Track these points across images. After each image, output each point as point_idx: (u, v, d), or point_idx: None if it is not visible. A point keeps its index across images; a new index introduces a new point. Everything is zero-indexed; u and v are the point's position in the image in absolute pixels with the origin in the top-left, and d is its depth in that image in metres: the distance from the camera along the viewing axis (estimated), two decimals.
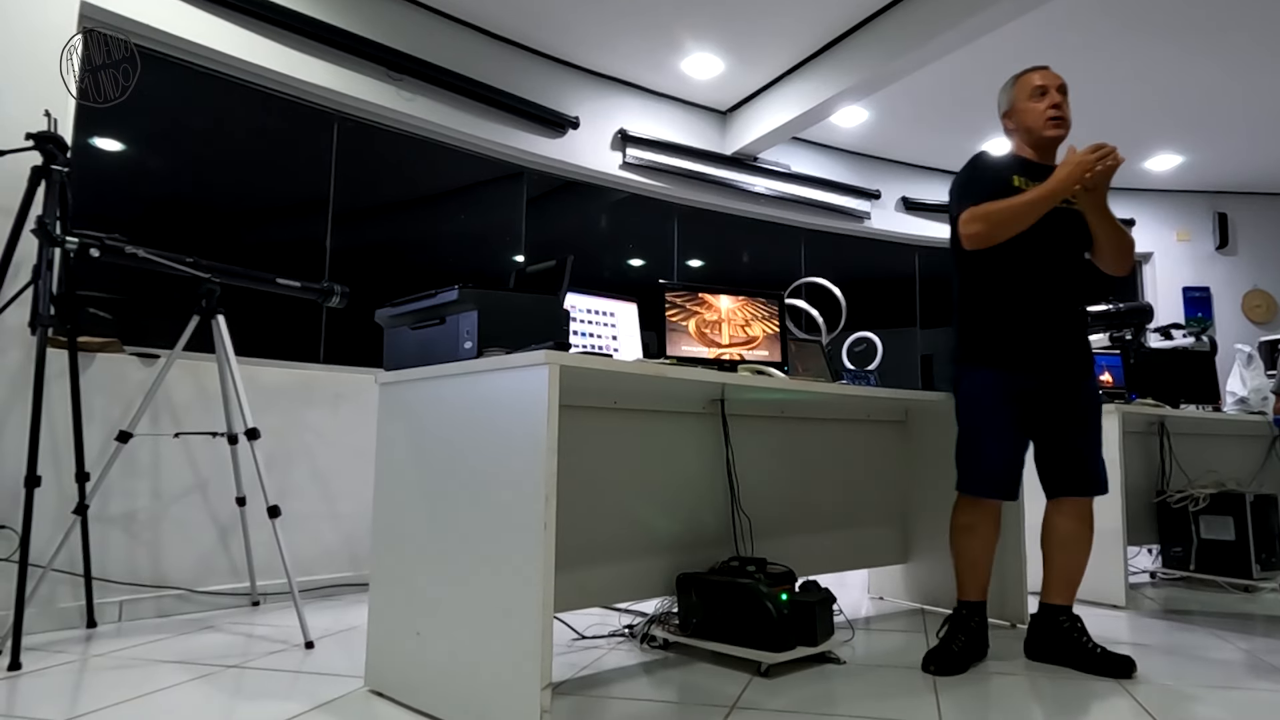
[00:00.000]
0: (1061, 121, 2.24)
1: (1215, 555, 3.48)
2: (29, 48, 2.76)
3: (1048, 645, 2.27)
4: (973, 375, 2.30)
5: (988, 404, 2.25)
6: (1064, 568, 2.29)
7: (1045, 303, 2.26)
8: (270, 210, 3.81)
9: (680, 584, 2.37)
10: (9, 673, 2.12)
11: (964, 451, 2.31)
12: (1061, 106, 2.24)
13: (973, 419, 2.29)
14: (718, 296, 2.43)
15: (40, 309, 2.38)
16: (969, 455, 2.29)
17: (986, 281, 2.29)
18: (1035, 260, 2.24)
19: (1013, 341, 2.25)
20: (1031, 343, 2.24)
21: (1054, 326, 2.26)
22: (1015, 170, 2.25)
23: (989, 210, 2.13)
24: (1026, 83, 2.28)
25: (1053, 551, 2.30)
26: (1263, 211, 6.72)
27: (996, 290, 2.27)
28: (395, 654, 1.93)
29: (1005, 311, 2.26)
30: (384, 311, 2.08)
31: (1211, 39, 4.38)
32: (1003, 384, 2.24)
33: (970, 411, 2.30)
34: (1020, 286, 2.25)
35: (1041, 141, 2.27)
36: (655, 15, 4.21)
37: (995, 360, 2.26)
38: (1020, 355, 2.24)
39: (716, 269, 5.59)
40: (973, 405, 2.29)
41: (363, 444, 3.48)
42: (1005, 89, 2.35)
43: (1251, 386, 3.98)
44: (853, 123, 5.49)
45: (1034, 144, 2.29)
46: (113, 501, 2.80)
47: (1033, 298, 2.25)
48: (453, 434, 1.82)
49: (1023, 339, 2.24)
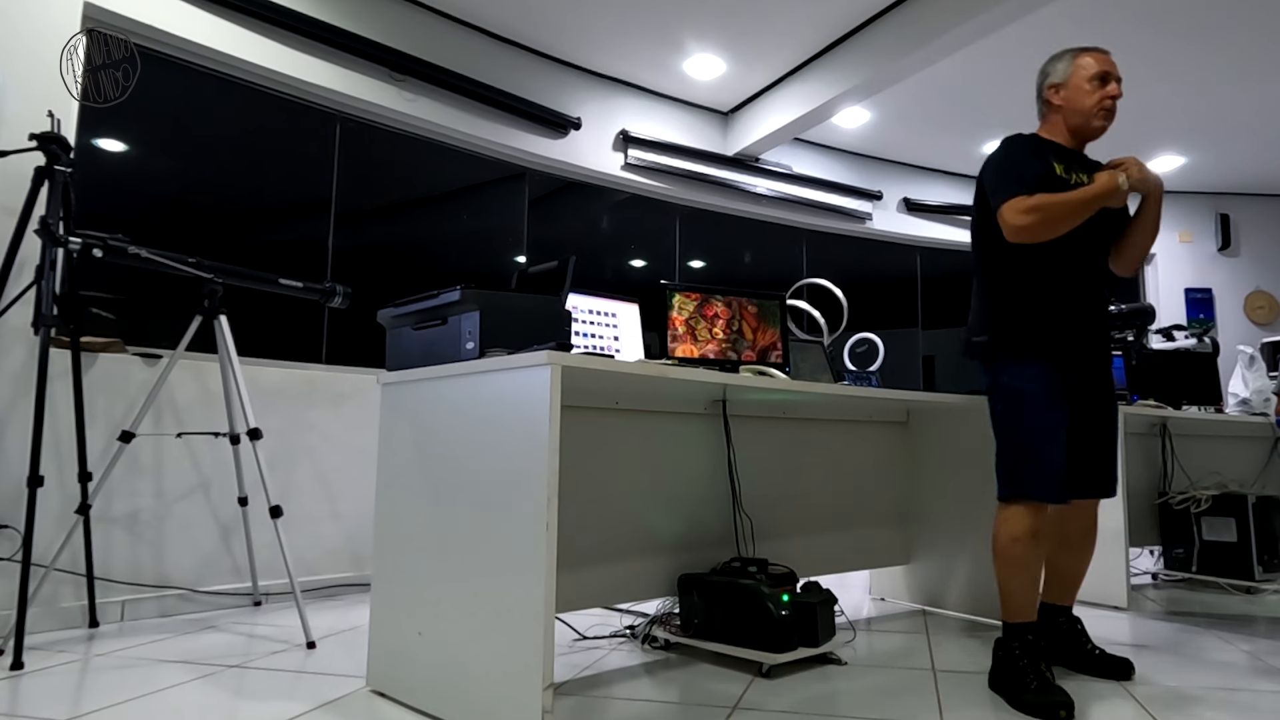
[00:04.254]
0: (1113, 115, 2.12)
1: (1217, 557, 3.48)
2: (33, 48, 2.77)
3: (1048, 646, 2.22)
4: (1018, 369, 2.08)
5: (1038, 398, 2.03)
6: (1068, 569, 2.24)
7: (1084, 294, 2.13)
8: (273, 211, 3.82)
9: (682, 584, 2.37)
10: (12, 672, 2.12)
11: (1016, 453, 2.05)
12: (1117, 99, 2.11)
13: (1024, 416, 2.05)
14: (719, 297, 2.43)
15: (43, 309, 2.39)
16: (1023, 457, 2.04)
17: (1029, 269, 2.10)
18: (1076, 251, 2.10)
19: (1059, 334, 2.08)
20: (1075, 335, 2.10)
21: (1091, 319, 2.14)
22: (1056, 156, 2.11)
23: (1046, 203, 1.97)
24: (1089, 63, 2.11)
25: (1057, 552, 2.21)
26: (1265, 212, 6.71)
27: (1041, 279, 2.09)
28: (397, 654, 1.93)
29: (1051, 302, 2.09)
30: (386, 312, 2.08)
31: (1214, 40, 4.38)
32: (1052, 377, 2.05)
33: (1020, 408, 2.06)
34: (1063, 277, 2.10)
35: (1087, 128, 2.13)
36: (657, 16, 4.22)
37: (1042, 352, 2.06)
38: (1066, 347, 2.08)
39: (718, 270, 5.59)
40: (1022, 399, 2.05)
41: (365, 444, 3.48)
42: (1061, 60, 2.16)
43: (1254, 388, 3.97)
44: (854, 124, 5.49)
45: (1076, 128, 2.14)
46: (115, 501, 2.81)
47: (1073, 289, 2.11)
48: (455, 434, 1.82)
49: (1067, 332, 2.09)
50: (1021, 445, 2.04)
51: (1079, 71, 2.12)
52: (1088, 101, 2.10)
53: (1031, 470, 2.02)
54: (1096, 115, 2.10)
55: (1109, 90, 2.10)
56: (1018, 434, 2.05)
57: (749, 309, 2.47)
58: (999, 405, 2.12)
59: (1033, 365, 2.06)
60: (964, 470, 2.93)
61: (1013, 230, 2.00)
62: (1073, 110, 2.12)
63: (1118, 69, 2.13)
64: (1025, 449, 2.03)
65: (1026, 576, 2.03)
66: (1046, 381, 2.04)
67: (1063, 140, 2.16)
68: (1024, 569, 2.03)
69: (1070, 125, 2.14)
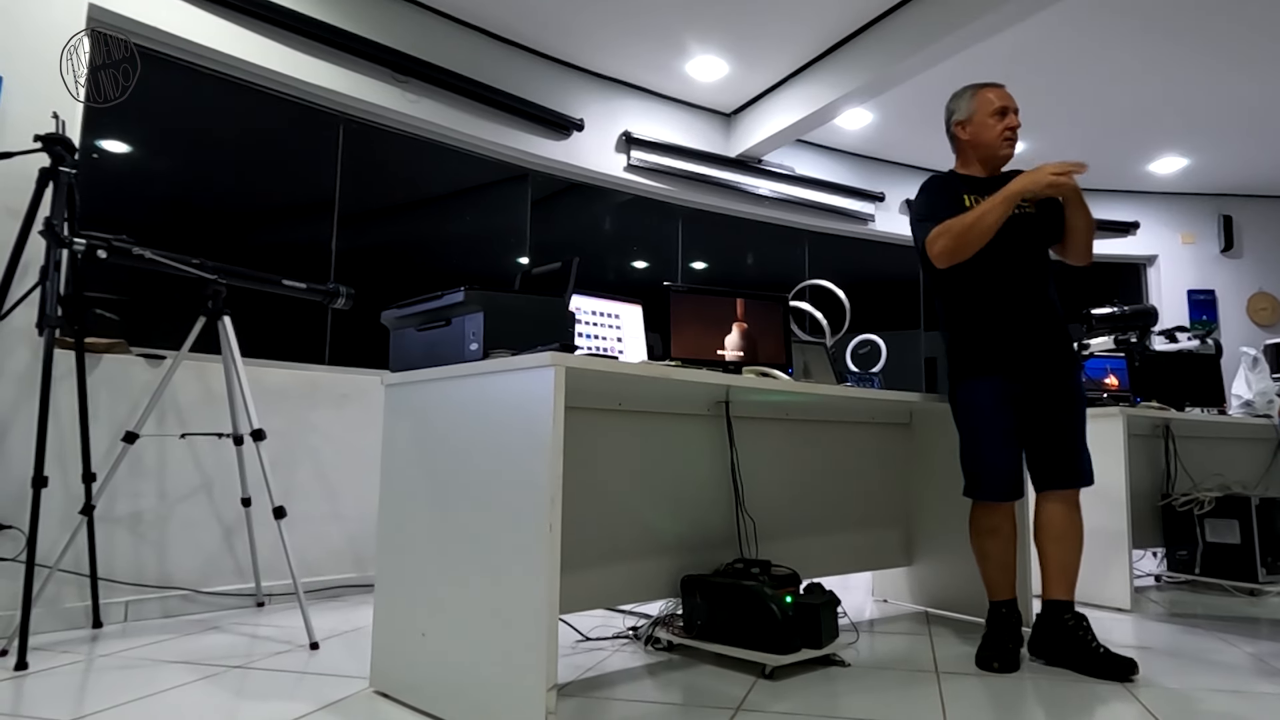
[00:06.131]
0: (1014, 142, 2.38)
1: (1220, 559, 3.47)
2: (37, 50, 2.77)
3: (1052, 643, 2.27)
4: (967, 385, 2.38)
5: (984, 411, 2.33)
6: (1059, 560, 2.32)
7: (1021, 305, 2.34)
8: (276, 212, 3.82)
9: (685, 586, 2.37)
10: (16, 672, 2.12)
11: (968, 459, 2.38)
12: (1016, 129, 2.37)
13: (973, 427, 2.36)
14: (722, 299, 2.43)
15: (47, 310, 2.39)
16: (973, 462, 2.36)
17: (963, 296, 2.38)
18: (1004, 267, 2.33)
19: (997, 349, 2.33)
20: (1015, 347, 2.33)
21: (1033, 327, 2.34)
22: (964, 189, 2.35)
23: (951, 225, 2.23)
24: (988, 100, 2.37)
25: (1046, 544, 2.34)
26: (1268, 214, 6.70)
27: (974, 302, 2.37)
28: (400, 655, 1.93)
29: (986, 321, 2.35)
30: (390, 313, 2.08)
31: (1216, 41, 4.37)
32: (995, 390, 2.32)
33: (970, 420, 2.37)
34: (995, 294, 2.34)
35: (995, 158, 2.38)
36: (660, 18, 4.22)
37: (985, 369, 2.34)
38: (1007, 360, 2.32)
39: (720, 271, 5.59)
40: (970, 413, 2.37)
41: (368, 445, 3.48)
42: (963, 98, 2.41)
43: (1257, 389, 3.97)
44: (857, 125, 5.50)
45: (984, 158, 2.39)
46: (119, 502, 2.81)
47: (1008, 303, 2.34)
48: (458, 435, 1.82)
49: (1006, 345, 2.33)
50: (972, 453, 2.36)
51: (982, 106, 2.37)
52: (991, 134, 2.36)
53: (983, 474, 2.33)
54: (1002, 145, 2.36)
55: (1008, 122, 2.36)
56: (969, 443, 2.37)
57: (752, 310, 2.47)
58: (956, 417, 2.43)
59: (979, 382, 2.34)
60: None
61: (935, 258, 2.27)
62: (981, 143, 2.38)
63: (1015, 104, 2.38)
64: (975, 456, 2.35)
65: (991, 563, 2.37)
66: (992, 395, 2.31)
67: (976, 171, 2.42)
68: (986, 557, 2.38)
69: (980, 157, 2.40)
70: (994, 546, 2.36)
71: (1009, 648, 2.26)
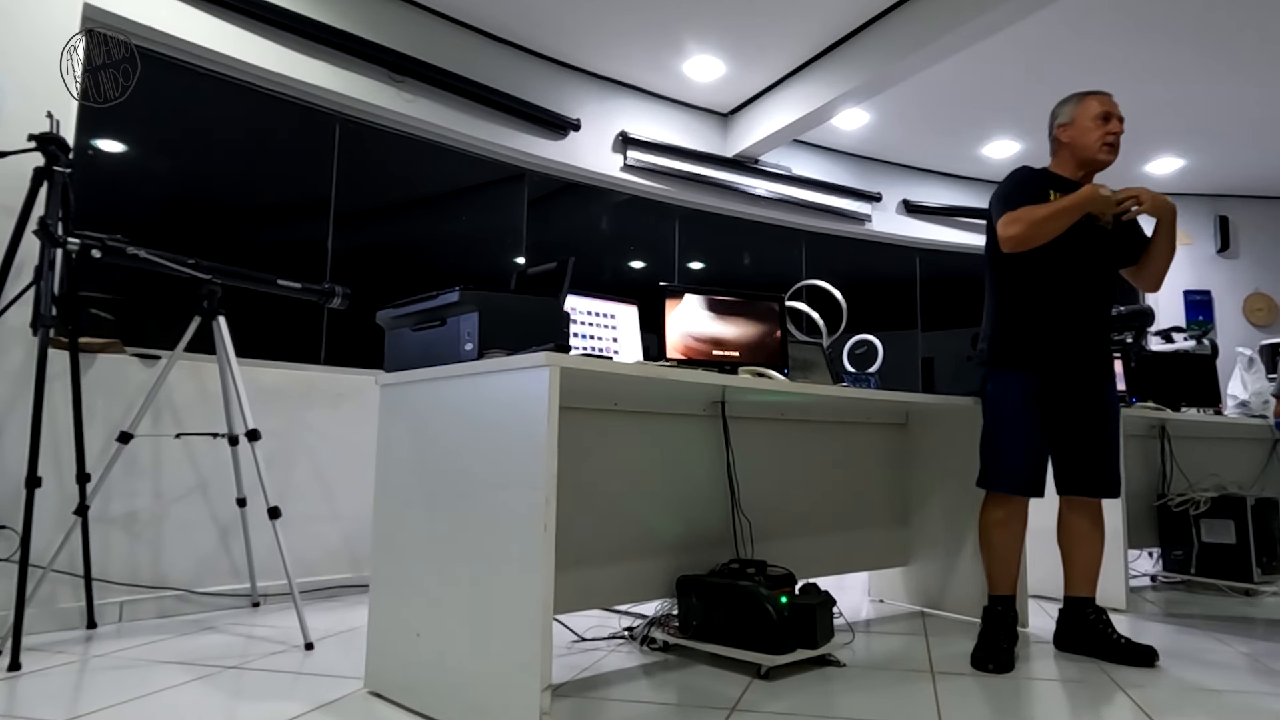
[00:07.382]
0: (1116, 149, 2.38)
1: (1216, 559, 3.48)
2: (32, 49, 2.77)
3: (1076, 637, 2.41)
4: (1002, 377, 2.40)
5: (1014, 404, 2.35)
6: (1084, 561, 2.44)
7: (1076, 311, 2.37)
8: (272, 211, 3.82)
9: (680, 586, 2.37)
10: (9, 673, 2.12)
11: (985, 447, 2.42)
12: (1119, 135, 2.37)
13: (998, 417, 2.39)
14: (718, 299, 2.43)
15: (42, 309, 2.38)
16: (991, 452, 2.40)
17: (1021, 288, 2.39)
18: (1068, 271, 2.36)
19: (1043, 346, 2.35)
20: (1060, 348, 2.36)
21: (1082, 334, 2.38)
22: (1052, 185, 2.38)
23: (1024, 213, 2.25)
24: (1092, 105, 2.38)
25: (1071, 547, 2.45)
26: (1264, 215, 6.72)
27: (1030, 297, 2.38)
28: (395, 655, 1.93)
29: (1038, 317, 2.37)
30: (385, 313, 2.08)
31: (1213, 42, 4.38)
32: (1030, 386, 2.34)
33: (997, 410, 2.40)
34: (1053, 294, 2.36)
35: (1093, 163, 2.39)
36: (657, 17, 4.22)
37: (1025, 363, 2.36)
38: (1049, 360, 2.35)
39: (717, 271, 5.59)
40: (999, 404, 2.39)
41: (363, 445, 3.48)
42: (1069, 103, 2.43)
43: (1252, 390, 3.98)
44: (854, 125, 5.50)
45: (1082, 162, 2.40)
46: (113, 502, 2.81)
47: (1064, 306, 2.36)
48: (453, 435, 1.82)
49: (1052, 344, 2.35)
50: (990, 443, 2.41)
51: (1085, 111, 2.39)
52: (1091, 138, 2.37)
53: (1001, 465, 2.37)
54: (1101, 150, 2.37)
55: (1111, 127, 2.37)
56: (989, 432, 2.42)
57: (748, 311, 2.47)
58: (984, 405, 2.46)
59: (1014, 374, 2.37)
60: (963, 472, 2.91)
61: (1004, 241, 2.28)
62: (1080, 145, 2.39)
63: (1120, 111, 2.39)
64: (992, 446, 2.40)
65: (995, 556, 2.40)
66: (1024, 390, 2.34)
67: (1069, 173, 2.43)
68: (990, 548, 2.41)
69: (1078, 160, 2.41)
70: (999, 538, 2.39)
71: (1004, 647, 2.28)
